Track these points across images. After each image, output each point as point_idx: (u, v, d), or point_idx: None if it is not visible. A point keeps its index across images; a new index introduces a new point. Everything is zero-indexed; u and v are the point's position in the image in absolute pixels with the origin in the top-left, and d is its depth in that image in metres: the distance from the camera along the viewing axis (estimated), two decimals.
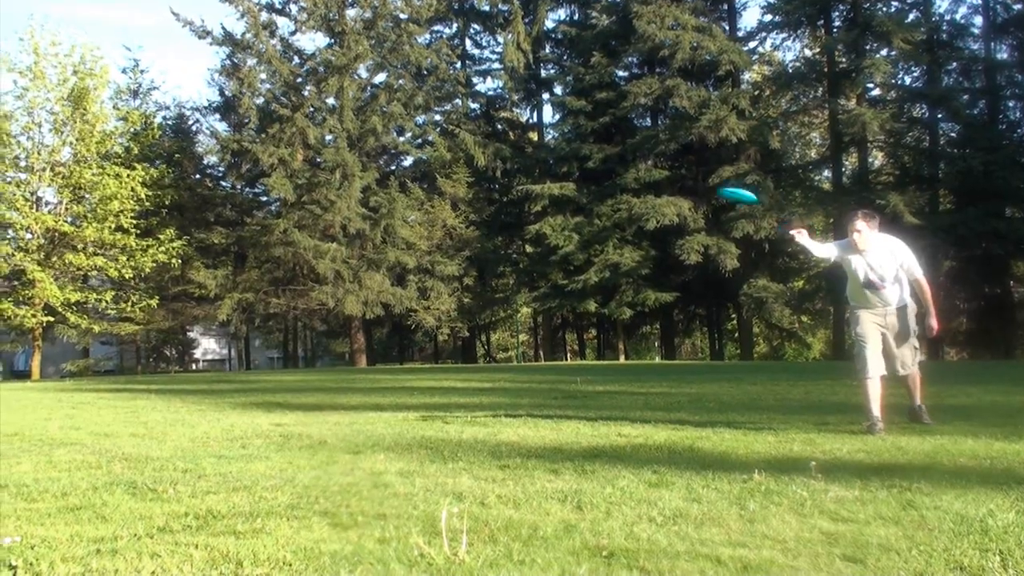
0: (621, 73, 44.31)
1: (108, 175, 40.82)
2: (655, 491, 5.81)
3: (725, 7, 44.65)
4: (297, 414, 12.22)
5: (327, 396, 16.17)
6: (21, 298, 40.43)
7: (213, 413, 12.79)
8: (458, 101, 46.84)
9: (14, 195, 40.57)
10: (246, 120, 42.20)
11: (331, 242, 39.40)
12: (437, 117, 46.39)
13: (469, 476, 6.64)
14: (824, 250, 8.72)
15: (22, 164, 42.81)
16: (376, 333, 49.39)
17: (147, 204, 41.38)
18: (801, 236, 8.24)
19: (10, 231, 42.45)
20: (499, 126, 48.14)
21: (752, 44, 44.14)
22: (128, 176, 40.94)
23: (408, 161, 46.96)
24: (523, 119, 49.73)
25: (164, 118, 47.61)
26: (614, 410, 11.80)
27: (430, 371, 28.35)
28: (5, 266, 40.04)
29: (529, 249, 45.90)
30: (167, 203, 42.48)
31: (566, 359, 49.46)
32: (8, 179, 41.67)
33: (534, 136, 49.08)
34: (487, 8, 46.88)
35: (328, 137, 41.69)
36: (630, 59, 43.80)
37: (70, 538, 4.73)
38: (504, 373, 25.76)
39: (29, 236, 41.84)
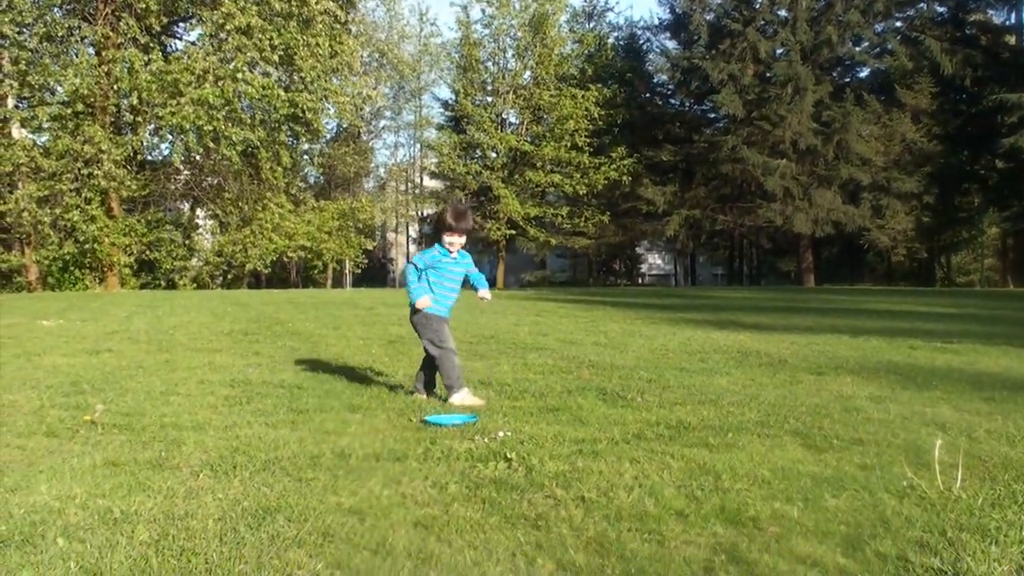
0: None
1: (565, 96, 42.98)
2: None
3: None
4: (751, 332, 12.12)
5: (779, 316, 15.89)
6: (488, 213, 44.08)
7: (667, 327, 13.06)
8: (923, 5, 43.14)
9: (482, 117, 44.08)
10: (696, 37, 42.12)
11: (780, 158, 38.43)
12: (898, 24, 43.11)
13: (949, 406, 6.15)
14: None
15: (489, 88, 46.32)
16: (824, 252, 47.69)
17: (600, 123, 43.03)
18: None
19: (478, 151, 46.26)
20: (969, 30, 43.68)
21: None
22: (583, 97, 42.83)
23: (864, 72, 44.26)
24: (998, 21, 44.70)
25: (616, 39, 48.90)
26: None
27: (884, 293, 26.90)
28: (474, 183, 43.84)
29: (1000, 165, 41.56)
30: (618, 122, 43.83)
31: None
32: (477, 103, 45.28)
33: (1011, 39, 44.00)
34: None
35: (779, 50, 40.44)
36: None
37: (553, 437, 5.00)
38: (969, 299, 23.77)
39: (494, 155, 45.33)
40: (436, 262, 6.39)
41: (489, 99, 46.09)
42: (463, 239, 6.43)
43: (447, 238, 6.33)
